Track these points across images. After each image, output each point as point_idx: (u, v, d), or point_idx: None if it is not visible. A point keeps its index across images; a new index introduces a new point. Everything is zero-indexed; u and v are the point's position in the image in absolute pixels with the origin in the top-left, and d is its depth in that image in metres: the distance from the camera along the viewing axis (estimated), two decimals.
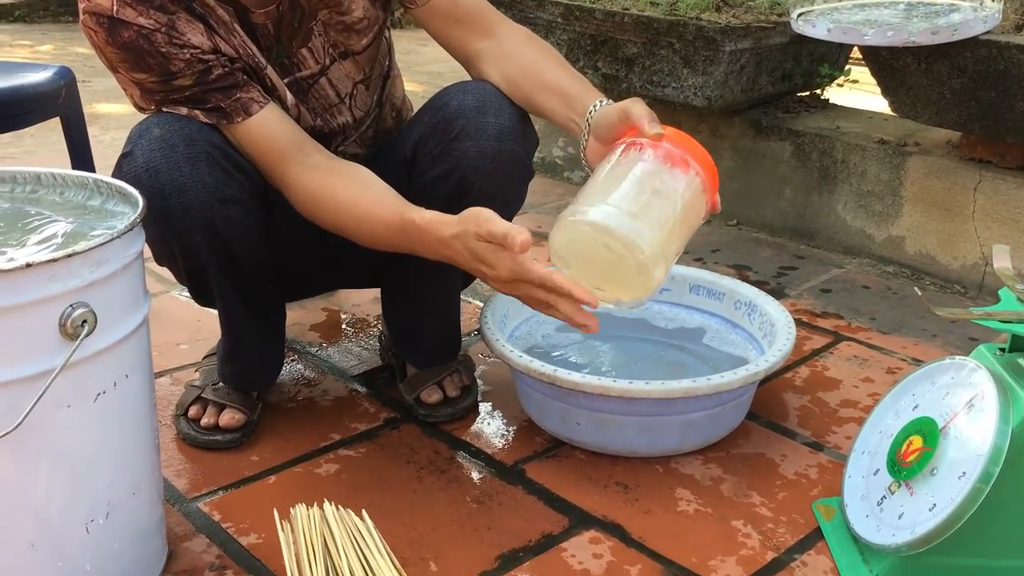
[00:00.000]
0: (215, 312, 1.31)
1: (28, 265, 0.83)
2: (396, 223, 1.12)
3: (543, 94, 1.23)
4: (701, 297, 1.54)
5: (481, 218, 1.05)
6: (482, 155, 1.21)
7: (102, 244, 0.88)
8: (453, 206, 1.12)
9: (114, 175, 1.12)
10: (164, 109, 1.16)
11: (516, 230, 1.03)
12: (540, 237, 2.17)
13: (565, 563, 1.10)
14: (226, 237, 1.17)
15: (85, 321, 0.87)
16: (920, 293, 0.94)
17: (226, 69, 1.15)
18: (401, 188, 1.28)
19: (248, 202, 1.19)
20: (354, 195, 1.17)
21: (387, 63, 1.38)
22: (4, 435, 0.84)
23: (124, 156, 1.14)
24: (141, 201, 0.97)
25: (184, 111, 1.15)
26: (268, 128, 1.18)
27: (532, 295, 1.06)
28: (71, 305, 0.86)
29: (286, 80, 1.24)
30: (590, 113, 1.16)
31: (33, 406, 0.84)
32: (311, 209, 1.19)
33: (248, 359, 1.35)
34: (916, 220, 1.93)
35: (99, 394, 0.91)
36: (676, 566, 1.10)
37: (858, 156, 2.00)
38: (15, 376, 0.85)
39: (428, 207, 1.20)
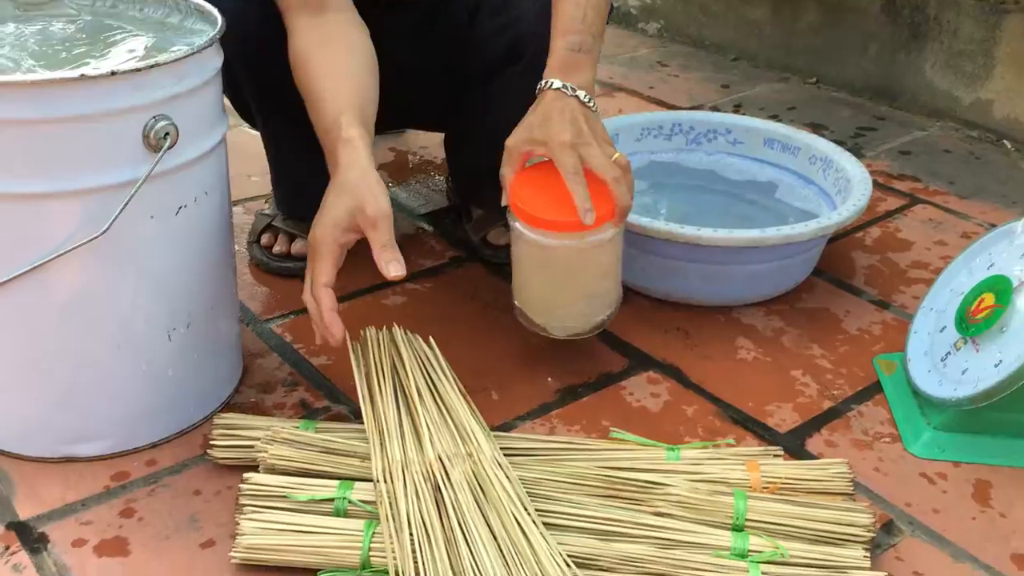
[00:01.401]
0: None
1: (113, 73, 0.84)
2: (331, 118, 1.00)
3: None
4: (775, 151, 1.50)
5: (368, 207, 0.96)
6: (540, 17, 1.11)
7: (184, 57, 0.89)
8: (503, 69, 1.07)
9: None
10: None
11: (399, 257, 0.98)
12: (610, 87, 2.13)
13: (624, 400, 1.13)
14: (262, 59, 1.13)
15: (167, 134, 0.89)
16: (1010, 146, 0.91)
17: None
18: (463, 37, 1.24)
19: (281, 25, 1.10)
20: (327, 73, 1.04)
21: None
22: (92, 239, 0.87)
23: None
24: (220, 19, 0.97)
25: None
26: None
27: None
28: (154, 117, 0.88)
29: None
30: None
31: (120, 212, 0.87)
32: (293, 63, 1.07)
33: (295, 186, 1.35)
34: (1008, 83, 1.84)
35: (180, 208, 0.94)
36: (732, 408, 1.12)
37: (952, 12, 1.89)
38: (102, 183, 0.87)
39: (482, 63, 1.16)
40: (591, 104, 1.05)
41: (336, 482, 0.90)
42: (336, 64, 1.06)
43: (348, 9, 1.12)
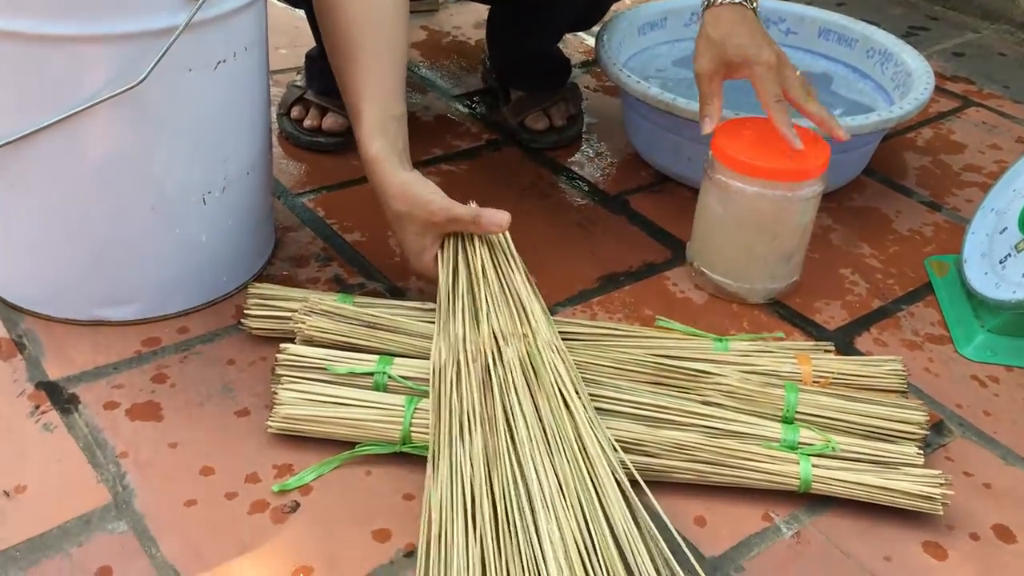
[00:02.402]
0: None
1: None
2: (354, 101, 0.94)
3: None
4: (830, 43, 1.43)
5: (431, 204, 0.92)
6: None
7: None
8: None
9: None
10: None
11: (490, 211, 0.93)
12: None
13: (667, 290, 1.10)
14: None
15: None
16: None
17: None
18: None
19: None
20: (359, 32, 0.93)
21: None
22: (127, 89, 0.82)
23: None
24: None
25: None
26: None
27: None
28: None
29: None
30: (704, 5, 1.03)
31: (157, 61, 0.81)
32: (318, 11, 0.97)
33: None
34: None
35: (219, 62, 0.88)
36: (779, 304, 1.08)
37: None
38: (138, 29, 0.82)
39: None
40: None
41: (376, 357, 0.87)
42: (370, 22, 0.94)
43: None
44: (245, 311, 0.95)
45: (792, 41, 1.46)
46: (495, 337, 0.86)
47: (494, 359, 0.84)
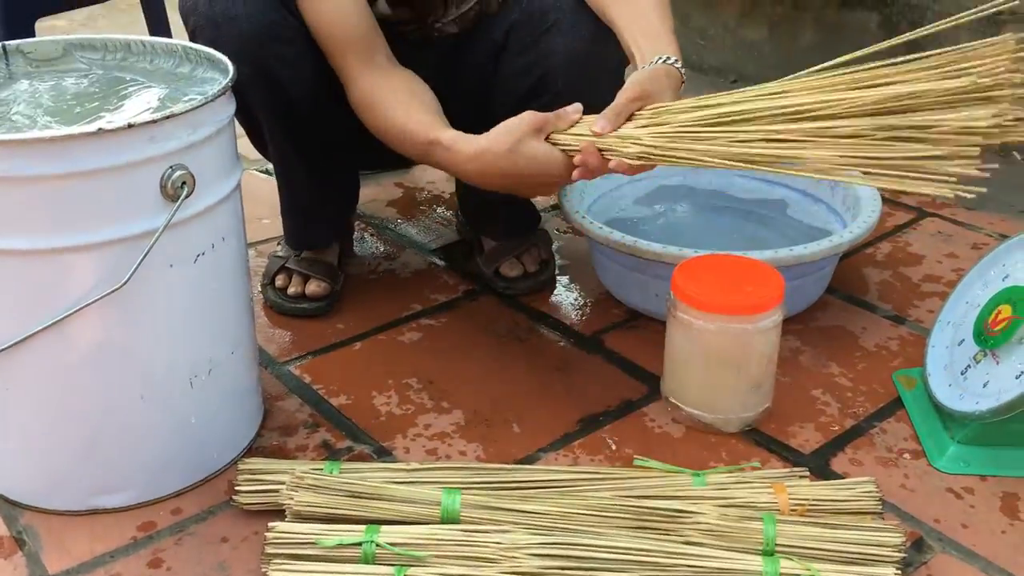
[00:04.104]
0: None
1: (130, 126, 0.84)
2: (422, 141, 1.08)
3: (619, 20, 1.11)
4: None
5: (530, 116, 1.00)
6: (572, 54, 1.16)
7: (198, 107, 0.90)
8: (530, 102, 1.10)
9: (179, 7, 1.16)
10: None
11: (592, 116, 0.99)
12: None
13: (646, 426, 1.13)
14: (276, 76, 1.15)
15: (184, 183, 0.89)
16: (1020, 158, 0.92)
17: None
18: (486, 74, 1.26)
19: (306, 48, 1.15)
20: (396, 104, 1.12)
21: None
22: (114, 291, 0.87)
23: None
24: (231, 67, 0.98)
25: None
26: (339, 15, 1.14)
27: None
28: (171, 167, 0.89)
29: None
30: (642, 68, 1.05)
31: (140, 262, 0.87)
32: (359, 109, 1.15)
33: (302, 214, 1.36)
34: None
35: (199, 255, 0.94)
36: (755, 431, 1.11)
37: (950, 27, 1.90)
38: (122, 235, 0.88)
39: (507, 99, 1.18)
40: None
41: (363, 527, 0.89)
42: (402, 96, 1.13)
43: (388, 49, 1.18)
44: (235, 487, 0.98)
45: (746, 171, 1.53)
46: None
47: None
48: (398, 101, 1.12)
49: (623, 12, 1.11)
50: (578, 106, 1.02)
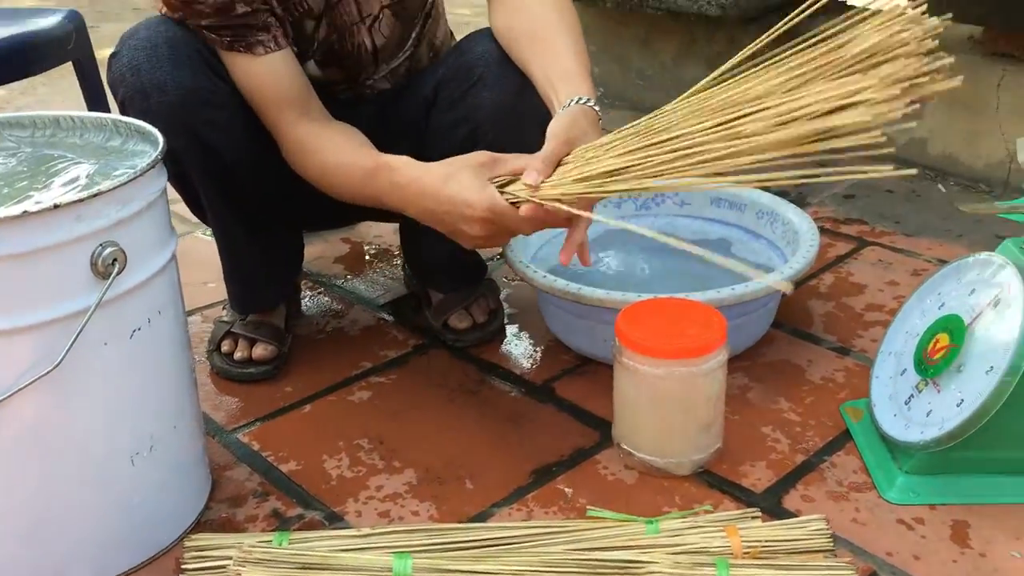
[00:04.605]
0: None
1: (56, 206, 0.84)
2: (370, 166, 1.09)
3: (535, 64, 1.13)
4: (722, 209, 1.53)
5: (474, 155, 1.02)
6: (499, 107, 1.18)
7: (126, 183, 0.89)
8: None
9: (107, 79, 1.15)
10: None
11: (530, 163, 0.99)
12: None
13: (599, 475, 1.13)
14: (210, 143, 1.15)
15: (115, 260, 0.88)
16: (944, 190, 0.94)
17: (250, 8, 1.12)
18: (419, 128, 1.27)
19: (237, 111, 1.16)
20: (336, 144, 1.13)
21: (429, 1, 1.35)
22: (46, 374, 0.86)
23: (111, 57, 1.15)
24: (161, 139, 0.98)
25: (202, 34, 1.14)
26: (272, 76, 1.14)
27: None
28: (101, 244, 0.88)
29: None
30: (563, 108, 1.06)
31: (72, 344, 0.86)
32: (296, 157, 1.16)
33: (246, 279, 1.35)
34: (939, 120, 1.90)
35: (134, 331, 0.93)
36: (708, 474, 1.12)
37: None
38: (53, 316, 0.86)
39: (442, 152, 1.18)
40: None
41: None
42: (338, 141, 1.14)
43: (326, 113, 1.19)
44: (182, 566, 0.96)
45: (687, 212, 1.56)
46: None
47: None
48: (335, 143, 1.14)
49: (538, 58, 1.13)
50: (524, 159, 1.01)
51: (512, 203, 0.99)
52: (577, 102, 1.05)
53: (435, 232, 1.39)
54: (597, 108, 1.07)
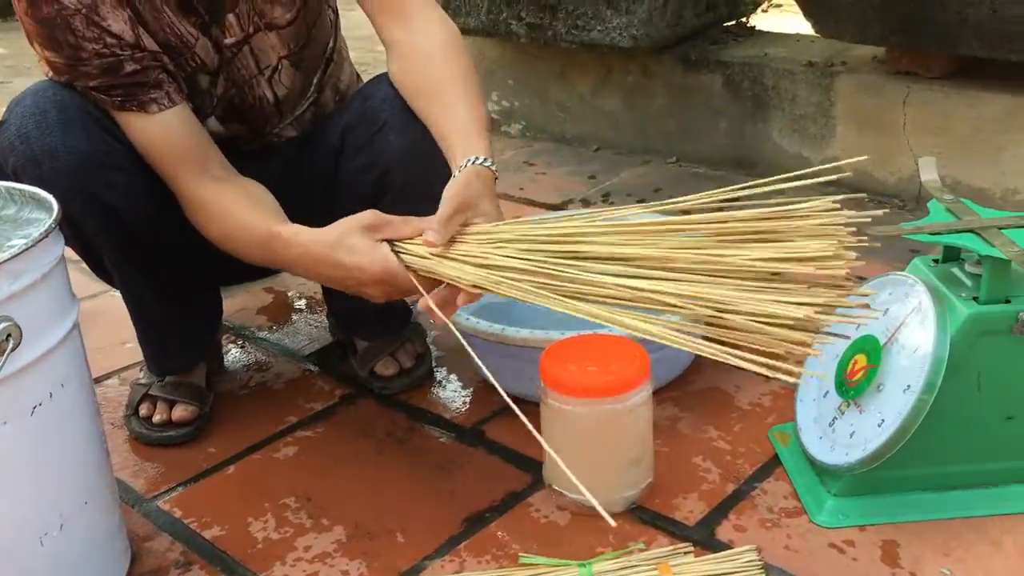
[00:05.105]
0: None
1: None
2: (263, 236, 1.07)
3: (430, 121, 1.14)
4: None
5: (362, 216, 1.01)
6: (407, 151, 1.17)
7: (18, 255, 0.86)
8: (377, 200, 1.11)
9: None
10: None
11: (424, 224, 0.99)
12: None
13: (531, 518, 1.11)
14: (109, 204, 1.12)
15: (10, 335, 0.85)
16: (847, 213, 0.96)
17: (140, 66, 1.10)
18: (329, 177, 1.25)
19: (135, 172, 1.13)
20: (235, 204, 1.11)
21: (330, 45, 1.32)
22: None
23: None
24: (56, 206, 0.95)
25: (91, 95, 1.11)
26: (167, 133, 1.12)
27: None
28: None
29: (214, 48, 1.19)
30: (453, 176, 1.05)
31: None
32: (198, 219, 1.14)
33: (160, 342, 1.31)
34: (850, 139, 1.94)
35: (35, 407, 0.89)
36: (641, 509, 1.11)
37: (788, 81, 2.00)
38: None
39: (353, 198, 1.18)
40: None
41: None
42: (239, 199, 1.12)
43: (224, 159, 1.16)
44: None
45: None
46: None
47: None
48: (237, 205, 1.11)
49: (434, 110, 1.13)
50: (415, 223, 1.01)
51: (407, 265, 0.99)
52: (472, 162, 1.04)
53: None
54: (493, 167, 1.07)
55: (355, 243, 1.00)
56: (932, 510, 1.05)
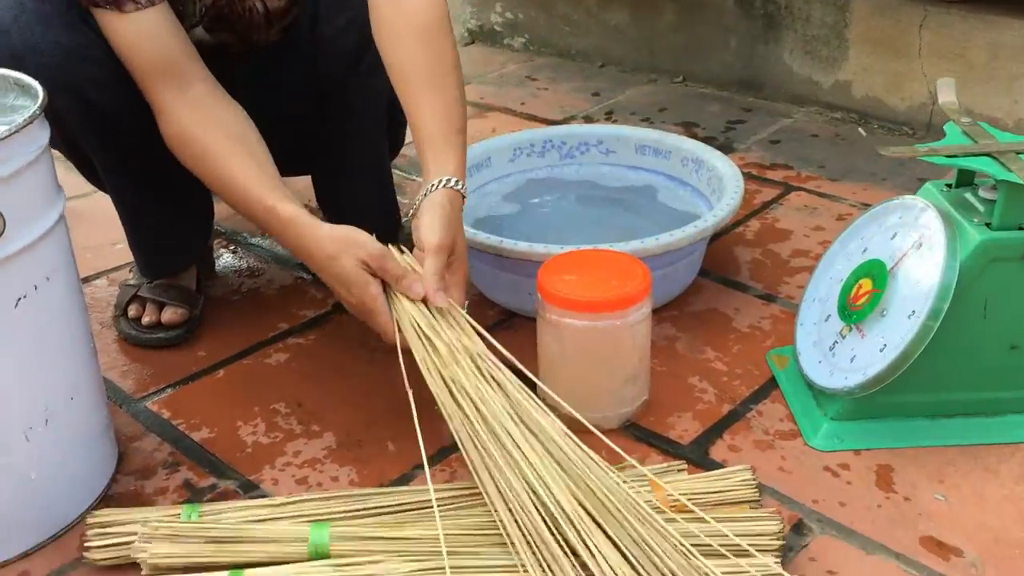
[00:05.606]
0: None
1: None
2: (262, 205, 1.02)
3: (409, 107, 1.08)
4: (647, 156, 1.50)
5: (368, 246, 0.99)
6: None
7: (3, 139, 0.82)
8: (358, 60, 1.07)
9: None
10: None
11: (414, 277, 0.99)
12: (481, 107, 2.11)
13: None
14: (93, 100, 1.07)
15: None
16: (864, 134, 0.93)
17: None
18: (308, 48, 1.20)
19: (120, 67, 1.06)
20: (224, 153, 1.04)
21: None
22: None
23: None
24: (41, 92, 0.91)
25: None
26: (141, 38, 1.04)
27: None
28: None
29: None
30: (424, 192, 1.03)
31: None
32: (175, 146, 1.07)
33: (150, 246, 1.28)
34: (863, 63, 1.89)
35: (19, 299, 0.87)
36: (635, 427, 1.10)
37: (802, 0, 1.94)
38: None
39: (335, 62, 1.15)
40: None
41: (226, 573, 0.84)
42: (229, 143, 1.06)
43: (209, 77, 1.09)
44: (85, 543, 0.91)
45: (613, 160, 1.52)
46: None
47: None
48: (224, 151, 1.04)
49: (404, 99, 1.08)
50: (417, 284, 1.00)
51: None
52: (444, 185, 1.02)
53: (346, 186, 1.35)
54: (462, 188, 1.04)
55: (350, 268, 0.98)
56: (929, 437, 1.04)
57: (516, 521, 0.85)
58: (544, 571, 0.82)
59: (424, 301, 1.00)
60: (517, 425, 0.91)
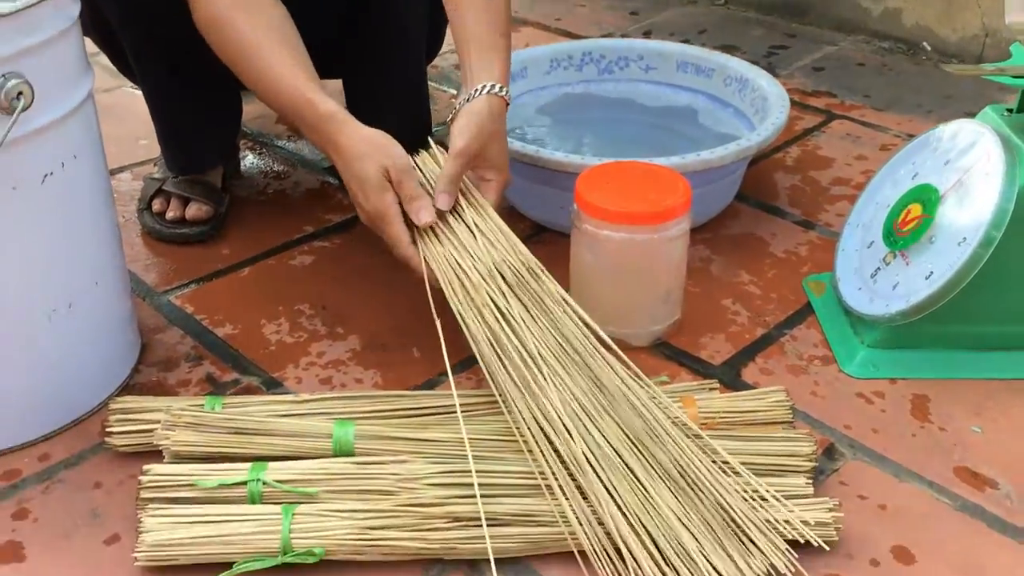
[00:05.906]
0: None
1: None
2: (299, 97, 0.98)
3: (452, 5, 1.06)
4: (689, 75, 1.45)
5: (396, 157, 0.96)
6: None
7: (32, 5, 0.79)
8: None
9: None
10: None
11: (427, 203, 0.97)
12: (516, 22, 2.04)
13: None
14: None
15: (20, 93, 0.79)
16: (928, 47, 0.88)
17: None
18: None
19: None
20: (260, 40, 1.00)
21: None
22: None
23: None
24: None
25: None
26: None
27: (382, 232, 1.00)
28: (3, 75, 0.78)
29: None
30: (467, 97, 1.01)
31: None
32: (208, 29, 1.02)
33: (179, 138, 1.25)
34: None
35: (46, 175, 0.84)
36: (666, 345, 1.07)
37: None
38: None
39: None
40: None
41: (248, 464, 0.83)
42: (267, 31, 1.01)
43: None
44: (107, 429, 0.90)
45: (653, 76, 1.47)
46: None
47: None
48: (261, 34, 1.00)
49: (453, 15, 1.05)
50: (424, 212, 0.98)
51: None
52: (487, 91, 0.99)
53: (378, 93, 1.31)
54: (505, 94, 1.01)
55: (371, 175, 0.95)
56: (968, 369, 1.02)
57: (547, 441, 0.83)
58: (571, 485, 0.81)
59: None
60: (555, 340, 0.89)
